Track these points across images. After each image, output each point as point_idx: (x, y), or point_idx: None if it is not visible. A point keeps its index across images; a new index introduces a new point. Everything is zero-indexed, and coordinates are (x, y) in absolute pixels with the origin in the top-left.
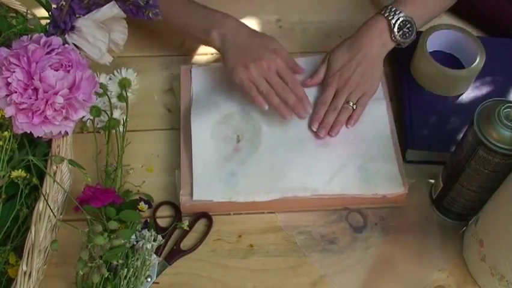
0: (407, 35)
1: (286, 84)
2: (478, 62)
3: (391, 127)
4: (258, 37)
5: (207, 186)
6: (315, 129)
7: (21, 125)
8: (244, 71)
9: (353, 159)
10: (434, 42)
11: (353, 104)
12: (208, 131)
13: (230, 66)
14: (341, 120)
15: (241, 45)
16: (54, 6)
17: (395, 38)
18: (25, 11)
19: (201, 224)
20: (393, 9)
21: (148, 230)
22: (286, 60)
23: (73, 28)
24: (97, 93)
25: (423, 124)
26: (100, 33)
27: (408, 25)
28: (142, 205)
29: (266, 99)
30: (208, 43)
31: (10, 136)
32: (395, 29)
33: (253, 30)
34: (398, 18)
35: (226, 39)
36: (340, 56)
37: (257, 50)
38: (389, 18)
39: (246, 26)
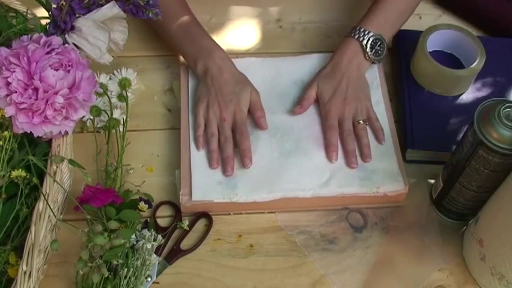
0: (379, 52)
1: (236, 134)
2: (478, 62)
3: (390, 126)
4: (235, 84)
5: (206, 186)
6: (335, 161)
7: (21, 124)
8: (205, 108)
9: None
10: (434, 42)
11: (363, 122)
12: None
13: (197, 95)
14: (367, 143)
15: (216, 85)
16: (54, 6)
17: (369, 57)
18: (25, 10)
19: (201, 224)
20: (361, 30)
21: (148, 230)
22: (253, 110)
23: (73, 28)
24: (97, 93)
25: (423, 124)
26: (100, 33)
27: (379, 42)
28: (142, 205)
29: (206, 141)
30: (192, 68)
31: (10, 136)
32: (368, 49)
33: (235, 73)
34: (369, 39)
35: (207, 73)
36: (327, 86)
37: (226, 98)
38: (360, 40)
39: (231, 65)
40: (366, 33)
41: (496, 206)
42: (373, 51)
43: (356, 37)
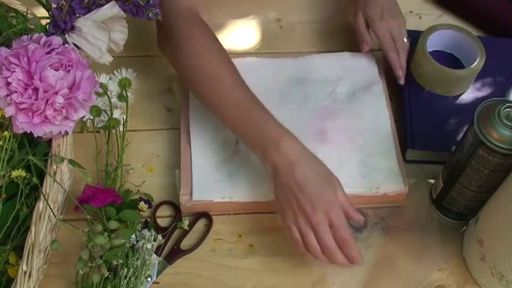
0: None
1: (336, 240)
2: (478, 62)
3: (391, 126)
4: (316, 177)
5: (207, 186)
6: (403, 82)
7: (21, 124)
8: (293, 219)
9: (354, 154)
10: (434, 42)
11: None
12: (207, 133)
13: (279, 201)
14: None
15: (295, 187)
16: (54, 6)
17: None
18: (25, 10)
19: (201, 224)
20: None
21: (148, 230)
22: (345, 210)
23: (73, 28)
24: (97, 93)
25: (423, 124)
26: (100, 33)
27: None
28: (142, 205)
29: (311, 254)
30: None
31: (10, 136)
32: None
33: (311, 164)
34: None
35: (278, 172)
36: (371, 10)
37: (312, 199)
38: None
39: (304, 154)
40: None
41: (496, 206)
42: None
43: None
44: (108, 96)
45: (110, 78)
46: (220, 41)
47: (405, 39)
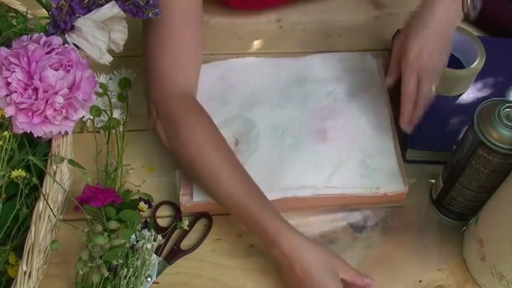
0: (476, 5)
1: None
2: (478, 62)
3: (391, 121)
4: (315, 276)
5: None
6: (410, 132)
7: (21, 124)
8: None
9: (354, 153)
10: None
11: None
12: None
13: None
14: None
15: (297, 282)
16: (54, 6)
17: (467, 8)
18: (25, 11)
19: (201, 224)
20: None
21: (148, 230)
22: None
23: (73, 28)
24: (97, 93)
25: (424, 124)
26: (100, 33)
27: None
28: (142, 205)
29: None
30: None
31: (10, 136)
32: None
33: (313, 258)
34: None
35: (282, 267)
36: (415, 39)
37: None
38: None
39: (304, 249)
40: None
41: (496, 206)
42: (472, 3)
43: None
44: (108, 96)
45: (110, 78)
46: (220, 41)
47: (432, 88)
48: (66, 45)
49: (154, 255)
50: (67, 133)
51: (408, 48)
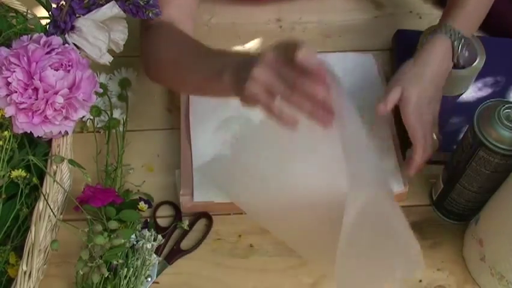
0: (465, 57)
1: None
2: (478, 62)
3: (391, 121)
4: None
5: (207, 187)
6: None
7: (21, 124)
8: (251, 82)
9: None
10: None
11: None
12: (207, 133)
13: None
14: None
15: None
16: (54, 6)
17: (457, 60)
18: (25, 10)
19: (200, 224)
20: (454, 29)
21: (148, 230)
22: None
23: (73, 28)
24: (97, 93)
25: None
26: (100, 33)
27: (466, 46)
28: (142, 205)
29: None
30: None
31: (10, 136)
32: (459, 51)
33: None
34: (460, 39)
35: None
36: (412, 89)
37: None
38: (452, 40)
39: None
40: (458, 34)
41: (496, 206)
42: (461, 54)
43: (448, 35)
44: (108, 96)
45: (110, 78)
46: (220, 41)
47: (434, 136)
48: (66, 45)
49: (154, 255)
50: (67, 133)
51: (407, 101)
